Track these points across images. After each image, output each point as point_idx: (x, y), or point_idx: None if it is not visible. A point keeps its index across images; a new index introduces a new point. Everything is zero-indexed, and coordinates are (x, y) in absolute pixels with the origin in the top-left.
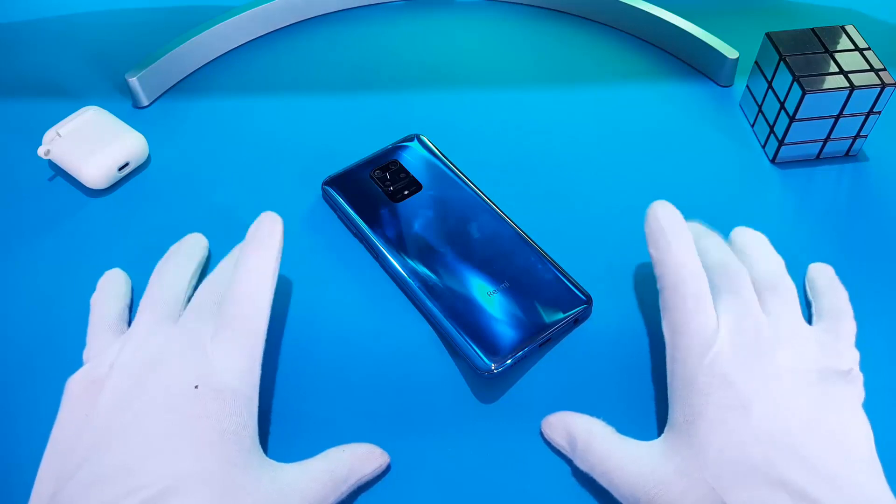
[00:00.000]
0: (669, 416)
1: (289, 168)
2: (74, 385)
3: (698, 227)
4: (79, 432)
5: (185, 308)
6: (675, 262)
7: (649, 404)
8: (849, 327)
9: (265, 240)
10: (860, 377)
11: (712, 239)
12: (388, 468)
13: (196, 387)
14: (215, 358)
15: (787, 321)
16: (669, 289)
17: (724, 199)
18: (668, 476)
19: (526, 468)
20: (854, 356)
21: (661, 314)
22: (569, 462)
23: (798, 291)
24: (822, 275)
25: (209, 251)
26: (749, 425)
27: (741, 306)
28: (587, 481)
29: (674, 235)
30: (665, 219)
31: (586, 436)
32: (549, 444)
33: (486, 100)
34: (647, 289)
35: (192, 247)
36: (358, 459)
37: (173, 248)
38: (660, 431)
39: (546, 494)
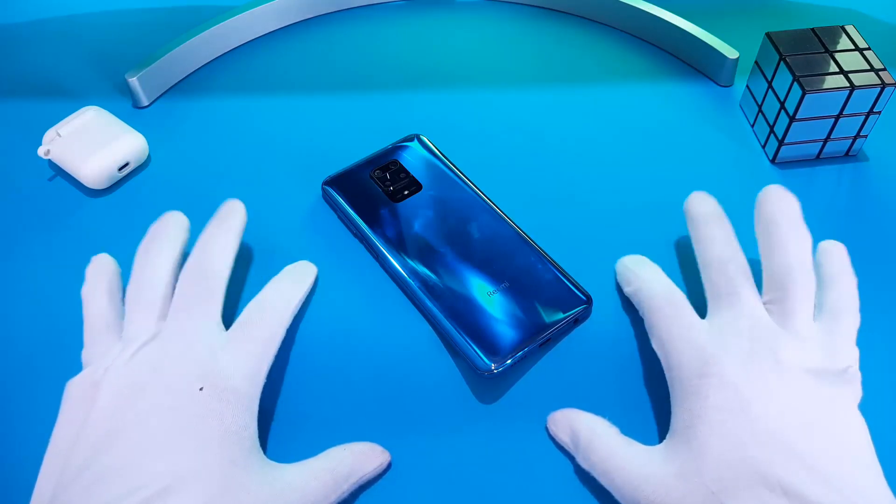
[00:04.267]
0: (671, 422)
1: (289, 168)
2: (74, 388)
3: (711, 207)
4: (79, 434)
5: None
6: (645, 285)
7: (649, 404)
8: (849, 323)
9: (302, 277)
10: (858, 376)
11: (720, 228)
12: (388, 467)
13: (201, 389)
14: (224, 358)
15: (791, 319)
16: (647, 309)
17: (724, 199)
18: (668, 480)
19: (526, 468)
20: (853, 354)
21: (650, 339)
22: (569, 462)
23: None
24: (832, 260)
25: (188, 232)
26: (748, 427)
27: (738, 306)
28: (587, 481)
29: (639, 267)
30: (629, 261)
31: (589, 434)
32: (553, 440)
33: (486, 100)
34: None
35: (173, 228)
36: (359, 458)
37: (152, 231)
38: (659, 432)
39: (546, 494)
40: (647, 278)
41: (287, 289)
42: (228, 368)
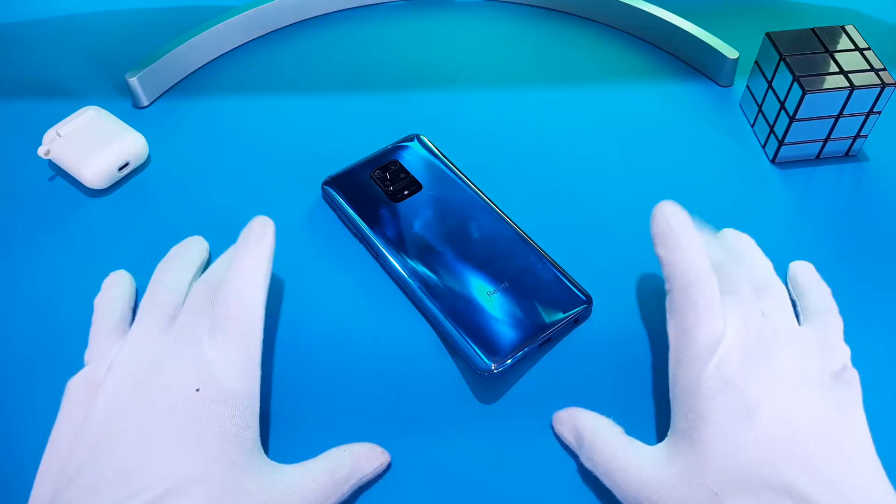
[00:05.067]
0: (672, 421)
1: (289, 168)
2: (74, 387)
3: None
4: (78, 435)
5: None
6: (685, 262)
7: (648, 404)
8: (836, 323)
9: (257, 241)
10: (856, 375)
11: (706, 237)
12: (388, 467)
13: (197, 390)
14: (213, 359)
15: (783, 323)
16: (678, 290)
17: (724, 199)
18: (671, 481)
19: (526, 468)
20: (845, 352)
21: (668, 315)
22: (570, 462)
23: None
24: (804, 272)
25: (209, 253)
26: (753, 430)
27: (744, 308)
28: (589, 481)
29: (684, 235)
30: (674, 218)
31: (592, 434)
32: (557, 439)
33: (486, 100)
34: (647, 289)
35: (193, 249)
36: (359, 459)
37: (174, 251)
38: (658, 432)
39: (546, 494)
40: (688, 255)
41: (250, 267)
42: (219, 368)
